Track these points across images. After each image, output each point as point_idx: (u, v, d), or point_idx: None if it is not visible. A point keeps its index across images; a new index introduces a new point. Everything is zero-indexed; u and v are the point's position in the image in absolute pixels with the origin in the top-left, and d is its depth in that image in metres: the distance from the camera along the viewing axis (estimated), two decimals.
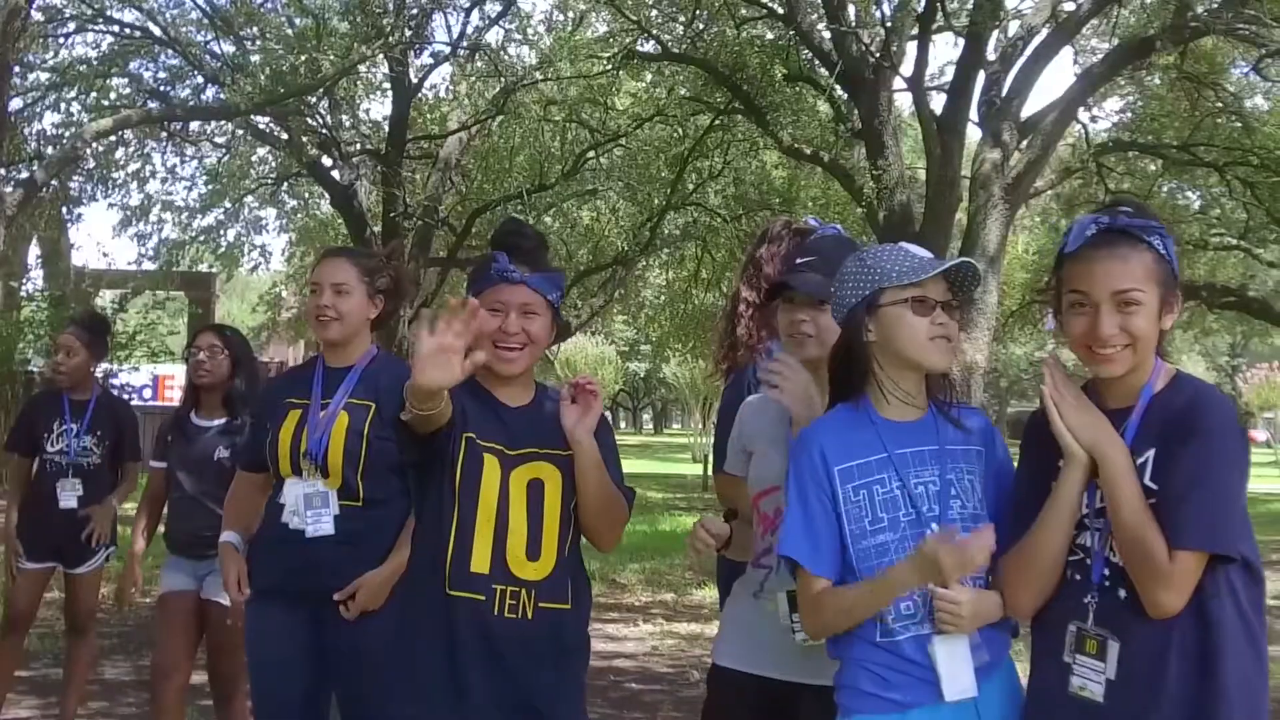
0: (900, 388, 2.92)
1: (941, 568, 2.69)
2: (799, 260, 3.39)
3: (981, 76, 17.51)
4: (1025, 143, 17.82)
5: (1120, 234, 2.72)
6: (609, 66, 20.55)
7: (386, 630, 3.57)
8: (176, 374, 25.87)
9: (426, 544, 3.28)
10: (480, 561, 3.21)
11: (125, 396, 6.23)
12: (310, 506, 3.98)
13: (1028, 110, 18.23)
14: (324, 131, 21.80)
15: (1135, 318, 2.68)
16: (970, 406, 3.10)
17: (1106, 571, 2.71)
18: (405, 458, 3.23)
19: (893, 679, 2.83)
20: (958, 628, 2.77)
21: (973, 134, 18.74)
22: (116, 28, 23.29)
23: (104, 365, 7.36)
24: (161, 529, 5.82)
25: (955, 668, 2.80)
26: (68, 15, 22.98)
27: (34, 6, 19.44)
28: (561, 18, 22.91)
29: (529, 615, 3.23)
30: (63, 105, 23.37)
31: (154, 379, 27.78)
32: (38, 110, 23.45)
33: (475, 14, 21.39)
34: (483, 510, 3.22)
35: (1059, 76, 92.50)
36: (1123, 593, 2.67)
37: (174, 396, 24.00)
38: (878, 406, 2.94)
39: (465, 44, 21.63)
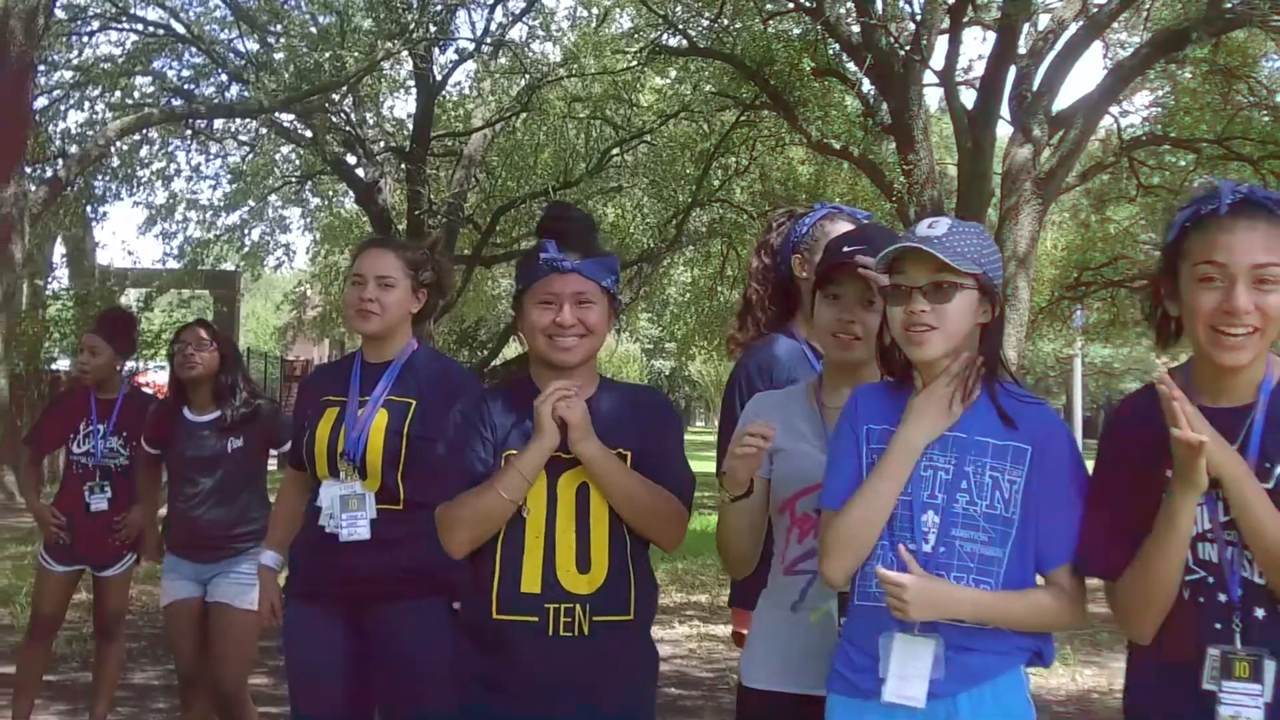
0: (933, 371, 2.73)
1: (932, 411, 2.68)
2: (847, 247, 3.13)
3: (1012, 71, 17.32)
4: (1056, 138, 17.65)
5: (1259, 206, 2.52)
6: (634, 62, 20.43)
7: (433, 648, 3.42)
8: None
9: (472, 564, 3.10)
10: (531, 580, 3.03)
11: (150, 394, 6.18)
12: (346, 509, 3.80)
13: (1058, 105, 18.06)
14: (348, 129, 21.75)
15: (1272, 296, 2.47)
16: (1037, 401, 2.83)
17: (1241, 591, 2.52)
18: None
19: (858, 661, 2.71)
20: (903, 614, 2.58)
21: (1003, 129, 18.56)
22: (140, 26, 23.29)
23: (129, 364, 7.27)
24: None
25: (908, 669, 2.63)
26: (91, 14, 22.98)
27: (57, 5, 19.43)
28: (585, 14, 22.80)
29: (585, 631, 3.03)
30: (87, 104, 23.41)
31: None
32: (62, 109, 23.49)
33: (499, 10, 21.33)
34: (531, 526, 3.05)
35: (1089, 71, 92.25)
36: (1260, 611, 2.49)
37: None
38: (920, 386, 2.77)
39: (489, 40, 21.56)
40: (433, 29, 19.74)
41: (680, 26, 19.66)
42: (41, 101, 21.92)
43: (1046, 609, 2.67)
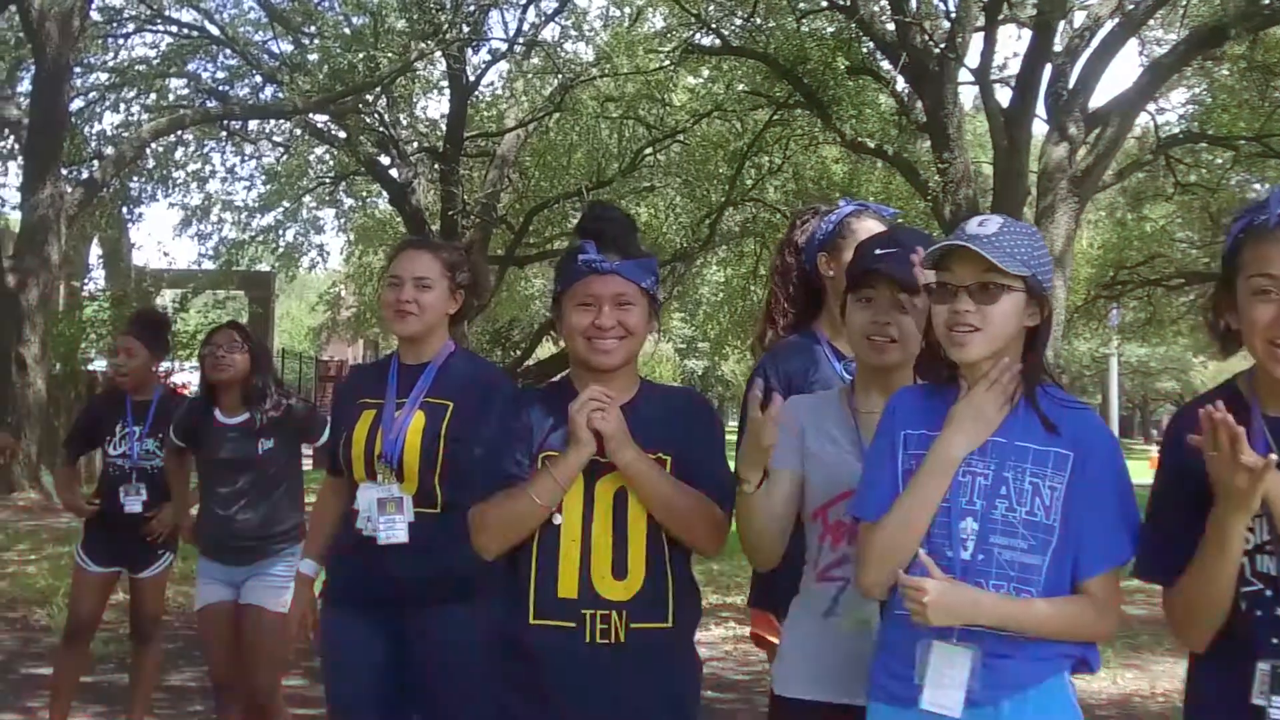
0: (976, 374, 2.67)
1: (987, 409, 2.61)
2: (879, 250, 3.06)
3: (1048, 69, 17.22)
4: (1093, 136, 17.54)
5: None
6: (667, 62, 20.41)
7: (471, 654, 3.38)
8: None
9: (508, 569, 3.07)
10: (567, 586, 2.99)
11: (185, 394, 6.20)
12: (384, 512, 3.76)
13: (1094, 103, 17.95)
14: (382, 130, 21.80)
15: None
16: (1080, 406, 2.77)
17: None
18: None
19: (897, 669, 2.66)
20: (922, 619, 2.53)
21: (1038, 128, 18.47)
22: (175, 28, 23.44)
23: (164, 364, 7.30)
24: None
25: (944, 678, 2.58)
26: (126, 16, 23.11)
27: (93, 7, 19.53)
28: (618, 13, 22.79)
29: (621, 639, 2.98)
30: (122, 105, 23.55)
31: None
32: (97, 111, 23.62)
33: (531, 10, 21.34)
34: (566, 531, 3.00)
35: (1126, 68, 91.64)
36: None
37: None
38: (965, 388, 2.71)
39: (522, 40, 21.58)
40: (466, 29, 19.78)
41: (713, 25, 19.62)
42: (77, 103, 22.08)
43: (1075, 618, 2.60)
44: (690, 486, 3.03)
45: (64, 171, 18.96)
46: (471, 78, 22.07)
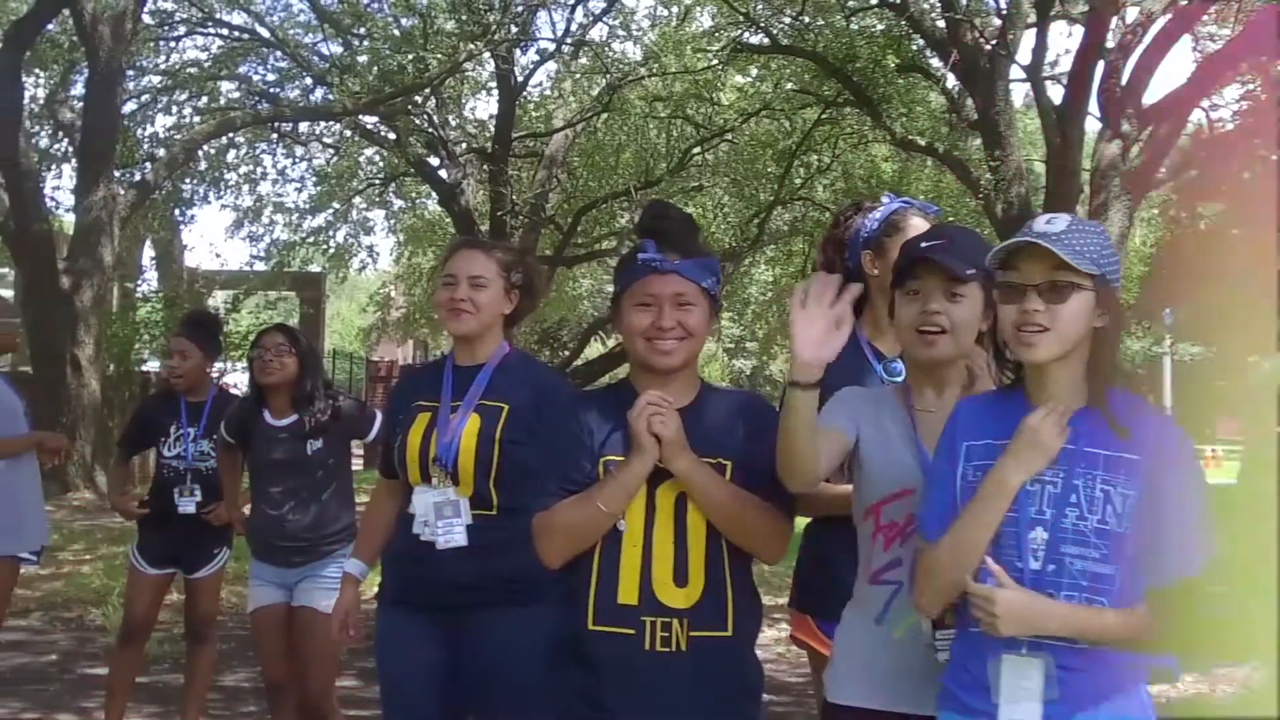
0: (1043, 377, 2.61)
1: (1041, 438, 2.53)
2: (925, 244, 3.02)
3: (1100, 65, 17.05)
4: (1146, 132, 17.35)
5: None
6: (714, 62, 20.35)
7: (529, 658, 3.34)
8: None
9: (569, 574, 3.04)
10: (627, 593, 2.96)
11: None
12: (441, 516, 3.73)
13: (1148, 99, 17.76)
14: (431, 131, 21.86)
15: None
16: (1153, 410, 2.71)
17: None
18: None
19: (965, 680, 2.62)
20: (992, 629, 2.48)
21: (1091, 125, 18.30)
22: (225, 30, 23.59)
23: (217, 365, 7.30)
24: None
25: (1018, 692, 2.52)
26: (178, 19, 23.29)
27: (145, 10, 19.69)
28: (666, 12, 22.75)
29: (682, 646, 2.95)
30: (174, 108, 23.72)
31: None
32: (150, 113, 23.81)
33: (579, 10, 21.34)
34: (628, 536, 2.97)
35: (1179, 64, 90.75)
36: None
37: None
38: (1031, 394, 2.65)
39: (570, 40, 21.59)
40: (514, 30, 19.80)
41: (762, 24, 19.55)
42: (130, 106, 22.27)
43: (1148, 628, 2.53)
44: (750, 492, 2.98)
45: (117, 174, 19.10)
46: (520, 78, 22.10)
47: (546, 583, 3.44)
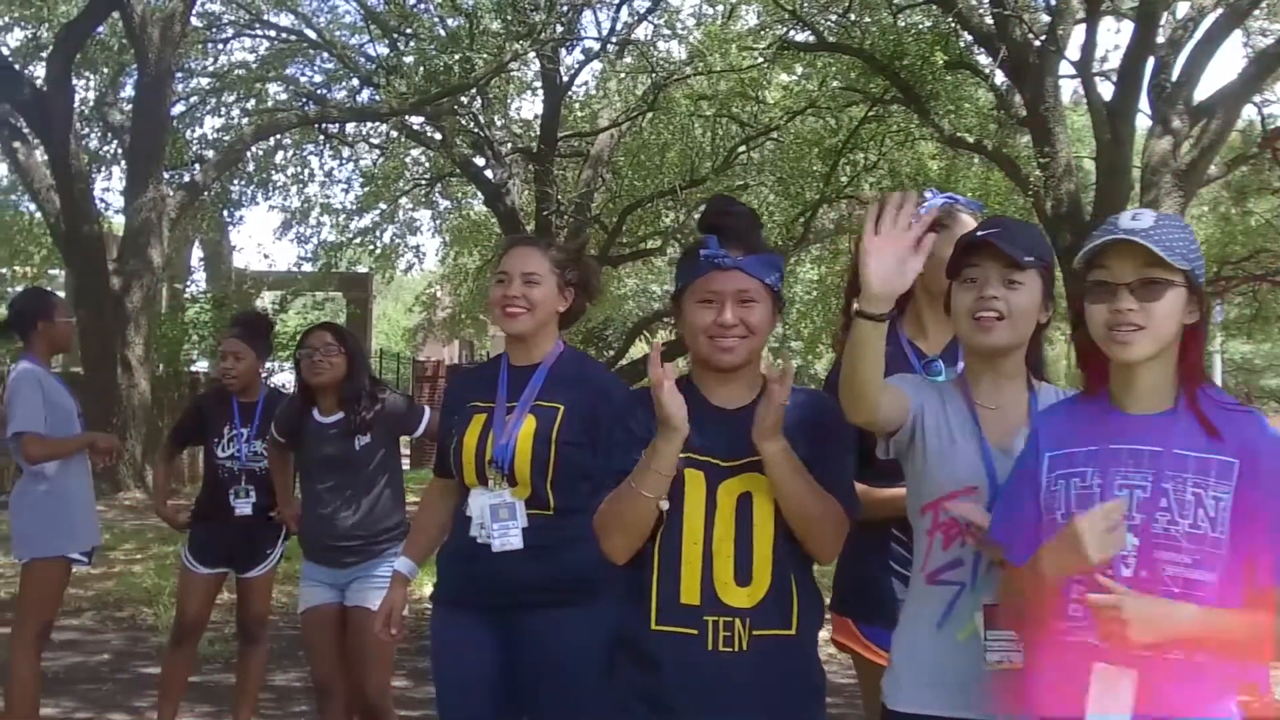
0: (1132, 378, 2.55)
1: (1081, 545, 2.39)
2: (981, 233, 2.95)
3: (1151, 61, 16.87)
4: (1197, 129, 17.16)
5: None
6: (760, 60, 20.28)
7: (584, 658, 3.32)
8: None
9: (629, 573, 3.01)
10: (689, 592, 2.91)
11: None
12: (497, 519, 3.70)
13: (1198, 95, 17.57)
14: (476, 131, 21.89)
15: None
16: (1245, 409, 2.61)
17: None
18: None
19: (1052, 687, 2.54)
20: (1121, 640, 2.39)
21: (1141, 121, 18.12)
22: (273, 32, 23.72)
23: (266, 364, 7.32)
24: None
25: (1108, 703, 2.44)
26: (226, 21, 23.44)
27: (193, 13, 19.83)
28: (711, 11, 22.69)
29: (744, 646, 2.90)
30: (222, 109, 23.87)
31: None
32: (198, 115, 23.99)
33: (624, 9, 21.32)
34: (687, 535, 2.92)
35: (1230, 60, 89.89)
36: None
37: None
38: (1117, 396, 2.59)
39: (615, 40, 21.57)
40: (560, 29, 19.79)
41: (808, 21, 19.44)
42: (179, 108, 22.44)
43: (1272, 632, 2.43)
44: None
45: (166, 175, 19.25)
46: (565, 78, 22.10)
47: (602, 583, 3.43)
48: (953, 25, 17.67)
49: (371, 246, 27.75)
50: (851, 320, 2.78)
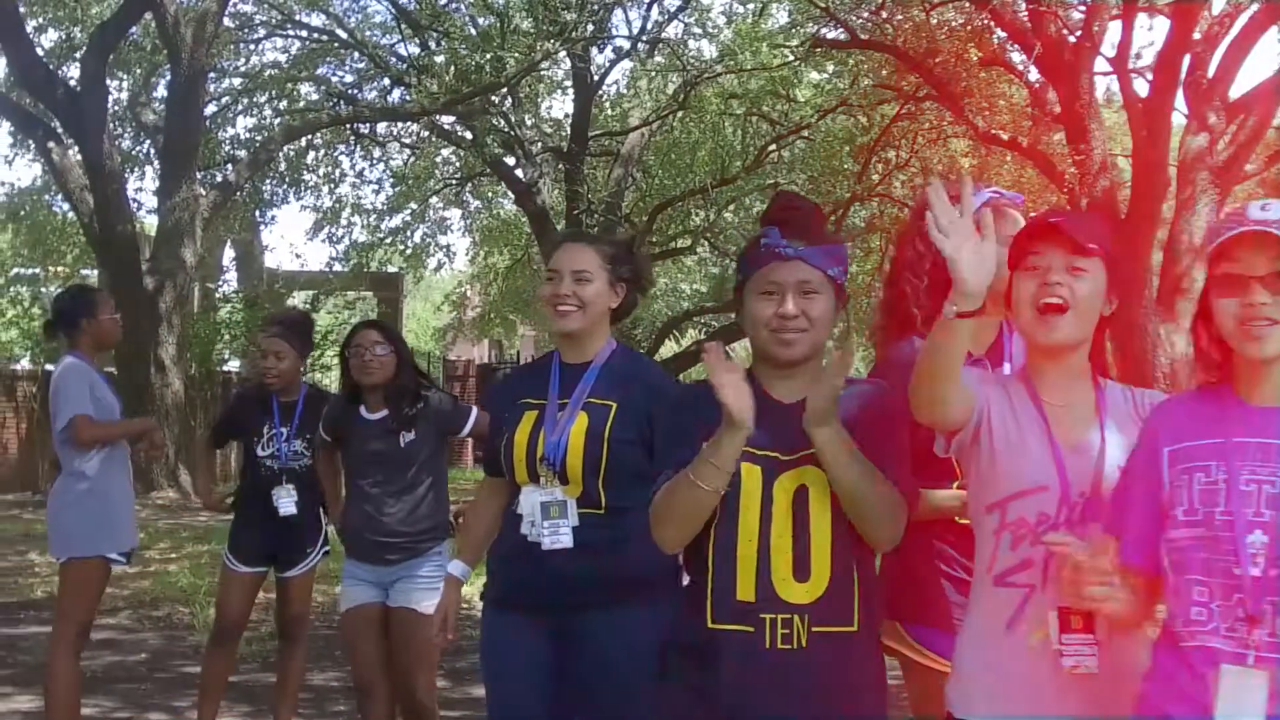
0: (1262, 371, 2.47)
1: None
2: (1051, 219, 2.85)
3: (1187, 57, 16.72)
4: (1234, 125, 17.01)
5: None
6: (791, 59, 20.21)
7: (637, 658, 3.27)
8: None
9: (685, 572, 2.96)
10: (745, 589, 2.85)
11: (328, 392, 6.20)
12: (548, 516, 3.66)
13: (1235, 91, 17.41)
14: (507, 130, 21.90)
15: None
16: None
17: None
18: None
19: (1175, 691, 2.45)
20: (1074, 588, 2.40)
21: (1176, 118, 17.96)
22: (305, 32, 23.77)
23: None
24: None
25: (1240, 705, 2.35)
26: (258, 21, 23.51)
27: (226, 13, 19.89)
28: (742, 9, 22.64)
29: (803, 644, 2.83)
30: (254, 110, 23.94)
31: None
32: (230, 115, 24.07)
33: (655, 8, 21.28)
34: (743, 530, 2.86)
35: (1268, 55, 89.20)
36: None
37: None
38: (1242, 388, 2.51)
39: (646, 39, 21.54)
40: (590, 28, 19.77)
41: (840, 18, 19.36)
42: (211, 108, 22.51)
43: None
44: None
45: (199, 175, 19.32)
46: (596, 77, 22.09)
47: (655, 582, 3.39)
48: (986, 21, 17.56)
49: (402, 246, 27.80)
50: (936, 320, 2.70)
